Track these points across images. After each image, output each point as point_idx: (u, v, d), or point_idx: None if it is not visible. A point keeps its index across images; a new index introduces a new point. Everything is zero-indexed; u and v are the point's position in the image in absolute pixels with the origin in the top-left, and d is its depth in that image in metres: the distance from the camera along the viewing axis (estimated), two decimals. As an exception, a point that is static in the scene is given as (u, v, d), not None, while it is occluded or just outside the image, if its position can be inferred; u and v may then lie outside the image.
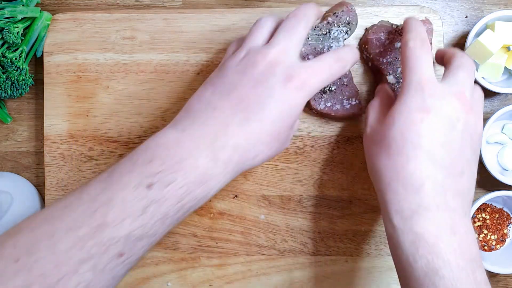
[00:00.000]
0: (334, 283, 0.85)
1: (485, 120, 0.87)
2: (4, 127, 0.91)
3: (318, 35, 0.82)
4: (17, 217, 0.84)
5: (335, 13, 0.82)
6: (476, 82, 0.85)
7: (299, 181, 0.86)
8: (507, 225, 0.88)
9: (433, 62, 0.76)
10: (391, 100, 0.76)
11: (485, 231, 0.87)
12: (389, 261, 0.85)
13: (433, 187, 0.64)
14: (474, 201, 0.85)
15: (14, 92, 0.85)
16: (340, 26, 0.82)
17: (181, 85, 0.86)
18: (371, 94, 0.85)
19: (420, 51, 0.69)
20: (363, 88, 0.85)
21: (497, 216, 0.88)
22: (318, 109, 0.83)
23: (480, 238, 0.87)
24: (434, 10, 0.85)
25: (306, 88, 0.67)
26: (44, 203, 0.87)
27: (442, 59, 0.75)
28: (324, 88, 0.82)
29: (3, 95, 0.85)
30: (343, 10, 0.82)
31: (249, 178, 0.86)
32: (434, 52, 0.84)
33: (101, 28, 0.87)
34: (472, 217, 0.87)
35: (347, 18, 0.82)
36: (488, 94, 0.89)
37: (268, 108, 0.65)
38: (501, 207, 0.89)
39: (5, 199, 0.85)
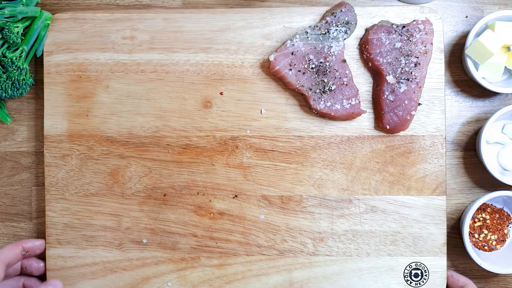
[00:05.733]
0: (334, 283, 0.85)
1: (485, 120, 0.87)
2: (4, 127, 0.91)
3: (318, 34, 0.82)
4: None
5: (333, 13, 0.82)
6: (475, 82, 0.85)
7: (299, 181, 0.86)
8: (507, 225, 0.88)
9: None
10: None
11: (485, 231, 0.87)
12: (389, 261, 0.85)
13: None
14: (474, 201, 0.85)
15: (14, 92, 0.85)
16: (339, 26, 0.82)
17: (181, 84, 0.86)
18: (370, 94, 0.85)
19: None
20: (363, 88, 0.85)
21: (497, 216, 0.88)
22: (318, 109, 0.83)
23: (480, 238, 0.87)
24: (434, 10, 0.85)
25: None
26: (44, 204, 0.87)
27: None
28: (324, 88, 0.82)
29: (4, 95, 0.85)
30: (341, 10, 0.82)
31: (249, 178, 0.86)
32: (433, 54, 0.84)
33: (101, 27, 0.87)
34: (472, 217, 0.87)
35: (346, 18, 0.82)
36: (488, 94, 0.89)
37: None
38: (501, 207, 0.89)
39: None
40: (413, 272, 0.85)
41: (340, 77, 0.83)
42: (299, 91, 0.84)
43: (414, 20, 0.82)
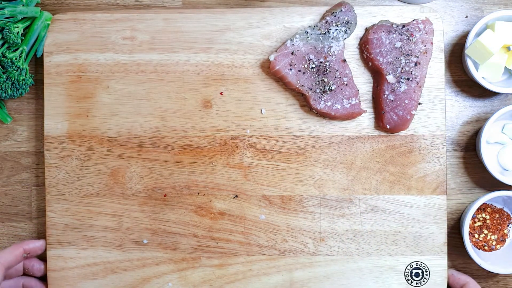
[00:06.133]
0: (335, 283, 0.85)
1: (485, 120, 0.87)
2: (4, 127, 0.91)
3: (318, 34, 0.82)
4: None
5: (333, 12, 0.83)
6: (475, 82, 0.86)
7: (299, 181, 0.86)
8: (507, 225, 0.88)
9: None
10: None
11: (485, 231, 0.87)
12: (390, 261, 0.85)
13: None
14: (474, 201, 0.85)
15: (14, 92, 0.85)
16: (339, 25, 0.82)
17: (181, 85, 0.86)
18: (371, 94, 0.85)
19: None
20: (363, 88, 0.86)
21: (497, 216, 0.88)
22: (318, 108, 0.83)
23: (480, 238, 0.87)
24: (434, 10, 0.85)
25: None
26: (45, 204, 0.87)
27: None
28: (324, 88, 0.82)
29: (3, 95, 0.85)
30: (341, 10, 0.82)
31: (250, 178, 0.86)
32: (433, 53, 0.84)
33: (101, 28, 0.87)
34: (472, 217, 0.87)
35: (346, 18, 0.82)
36: (488, 94, 0.89)
37: None
38: (501, 207, 0.89)
39: None
40: (414, 271, 0.85)
41: (340, 77, 0.83)
42: (299, 91, 0.84)
43: (414, 20, 0.82)
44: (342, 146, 0.85)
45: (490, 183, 0.89)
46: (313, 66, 0.82)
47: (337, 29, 0.82)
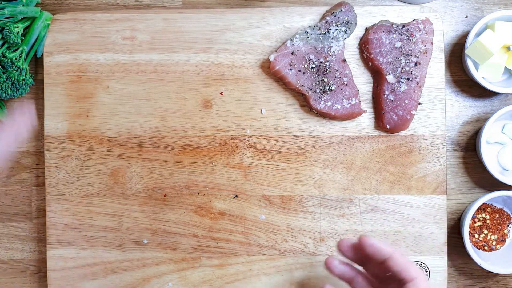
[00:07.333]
0: (335, 283, 0.85)
1: (485, 120, 0.87)
2: (4, 127, 0.91)
3: (318, 34, 0.82)
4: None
5: (333, 12, 0.83)
6: (475, 82, 0.86)
7: (299, 181, 0.86)
8: (507, 225, 0.88)
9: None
10: None
11: (485, 231, 0.87)
12: (390, 261, 0.85)
13: None
14: (474, 201, 0.85)
15: (14, 92, 0.85)
16: (339, 25, 0.82)
17: (181, 85, 0.86)
18: (371, 94, 0.85)
19: None
20: (363, 88, 0.86)
21: (497, 216, 0.88)
22: (318, 108, 0.83)
23: (480, 238, 0.87)
24: (434, 10, 0.85)
25: None
26: (45, 204, 0.87)
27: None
28: (324, 88, 0.82)
29: (3, 95, 0.85)
30: (341, 10, 0.82)
31: (250, 178, 0.86)
32: (433, 53, 0.84)
33: (101, 28, 0.87)
34: (472, 217, 0.87)
35: (346, 18, 0.82)
36: (488, 94, 0.89)
37: None
38: (501, 207, 0.89)
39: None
40: (414, 271, 0.85)
41: (340, 77, 0.83)
42: (299, 91, 0.84)
43: (414, 20, 0.82)
44: (342, 146, 0.85)
45: (490, 183, 0.89)
46: (313, 66, 0.82)
47: (337, 29, 0.82)
